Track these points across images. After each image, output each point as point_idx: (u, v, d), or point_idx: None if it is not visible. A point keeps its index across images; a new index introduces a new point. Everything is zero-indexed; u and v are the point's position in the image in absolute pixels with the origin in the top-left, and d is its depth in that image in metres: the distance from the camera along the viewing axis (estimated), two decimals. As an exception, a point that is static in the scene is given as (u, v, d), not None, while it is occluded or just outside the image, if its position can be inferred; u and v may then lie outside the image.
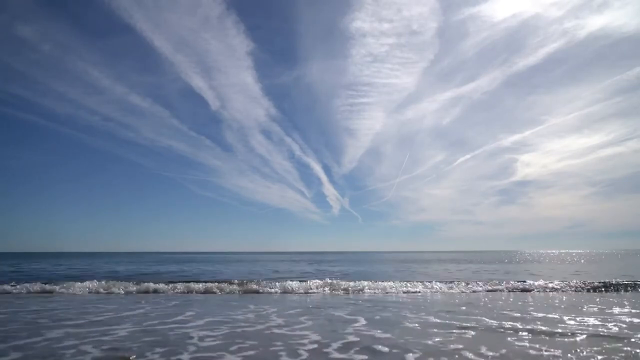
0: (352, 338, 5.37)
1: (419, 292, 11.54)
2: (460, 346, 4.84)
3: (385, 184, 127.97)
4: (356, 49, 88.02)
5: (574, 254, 65.61)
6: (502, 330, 5.85)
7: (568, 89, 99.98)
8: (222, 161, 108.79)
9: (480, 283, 12.87)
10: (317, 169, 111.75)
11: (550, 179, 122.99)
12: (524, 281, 13.45)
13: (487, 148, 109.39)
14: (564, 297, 10.32)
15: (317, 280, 12.91)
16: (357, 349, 4.75)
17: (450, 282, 13.08)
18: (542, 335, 5.43)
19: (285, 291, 11.52)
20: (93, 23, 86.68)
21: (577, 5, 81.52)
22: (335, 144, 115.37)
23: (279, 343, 5.06)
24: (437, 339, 5.23)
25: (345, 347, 4.82)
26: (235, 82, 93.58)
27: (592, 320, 6.59)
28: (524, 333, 5.59)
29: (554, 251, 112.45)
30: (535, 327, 6.05)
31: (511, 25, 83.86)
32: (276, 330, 5.91)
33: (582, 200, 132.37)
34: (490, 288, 12.19)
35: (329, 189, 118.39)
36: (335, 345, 4.95)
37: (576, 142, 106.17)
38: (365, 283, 12.43)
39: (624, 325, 6.15)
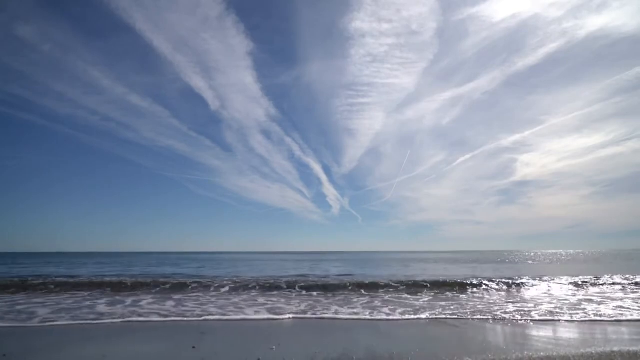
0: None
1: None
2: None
3: (385, 184, 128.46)
4: (355, 49, 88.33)
5: (567, 254, 65.45)
6: None
7: (568, 89, 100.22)
8: (222, 161, 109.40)
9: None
10: (317, 169, 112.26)
11: (550, 179, 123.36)
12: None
13: (487, 148, 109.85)
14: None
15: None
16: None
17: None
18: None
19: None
20: (93, 23, 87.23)
21: (576, 6, 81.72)
22: (335, 144, 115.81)
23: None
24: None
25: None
26: (234, 82, 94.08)
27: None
28: None
29: (553, 251, 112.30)
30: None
31: (511, 26, 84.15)
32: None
33: (582, 200, 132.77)
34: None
35: (329, 189, 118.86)
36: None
37: (576, 142, 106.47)
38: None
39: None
